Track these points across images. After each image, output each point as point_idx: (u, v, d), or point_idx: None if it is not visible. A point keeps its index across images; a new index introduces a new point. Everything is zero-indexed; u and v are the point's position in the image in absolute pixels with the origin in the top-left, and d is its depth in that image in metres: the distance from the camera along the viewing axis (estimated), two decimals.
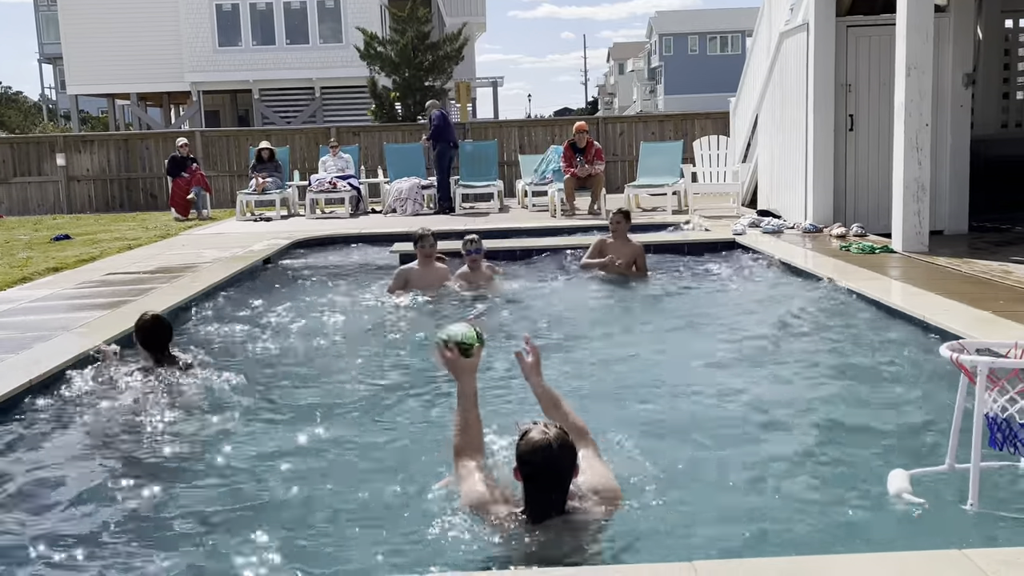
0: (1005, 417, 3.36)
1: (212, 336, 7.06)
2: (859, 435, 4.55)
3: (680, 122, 19.89)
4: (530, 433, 3.10)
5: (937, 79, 9.82)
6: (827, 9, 10.72)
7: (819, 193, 11.05)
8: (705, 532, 3.51)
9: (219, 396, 5.33)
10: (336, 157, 16.46)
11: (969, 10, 10.76)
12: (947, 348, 3.55)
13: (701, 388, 5.47)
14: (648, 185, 14.67)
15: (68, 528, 3.72)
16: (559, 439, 3.08)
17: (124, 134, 24.97)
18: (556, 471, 3.07)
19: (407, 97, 23.52)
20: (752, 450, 4.41)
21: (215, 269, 9.77)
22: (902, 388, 5.24)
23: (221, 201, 18.71)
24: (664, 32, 66.88)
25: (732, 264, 9.70)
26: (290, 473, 4.20)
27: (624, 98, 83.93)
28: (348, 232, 12.96)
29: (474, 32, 37.13)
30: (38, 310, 7.85)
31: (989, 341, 3.88)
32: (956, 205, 10.59)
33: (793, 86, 11.62)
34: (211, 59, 29.38)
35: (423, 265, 8.35)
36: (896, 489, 3.62)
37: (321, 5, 29.55)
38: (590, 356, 6.31)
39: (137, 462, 4.46)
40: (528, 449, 3.07)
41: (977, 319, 6.11)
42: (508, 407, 4.87)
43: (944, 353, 3.52)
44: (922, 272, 8.17)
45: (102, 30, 29.16)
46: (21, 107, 55.78)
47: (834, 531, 3.52)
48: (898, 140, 9.23)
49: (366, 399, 5.42)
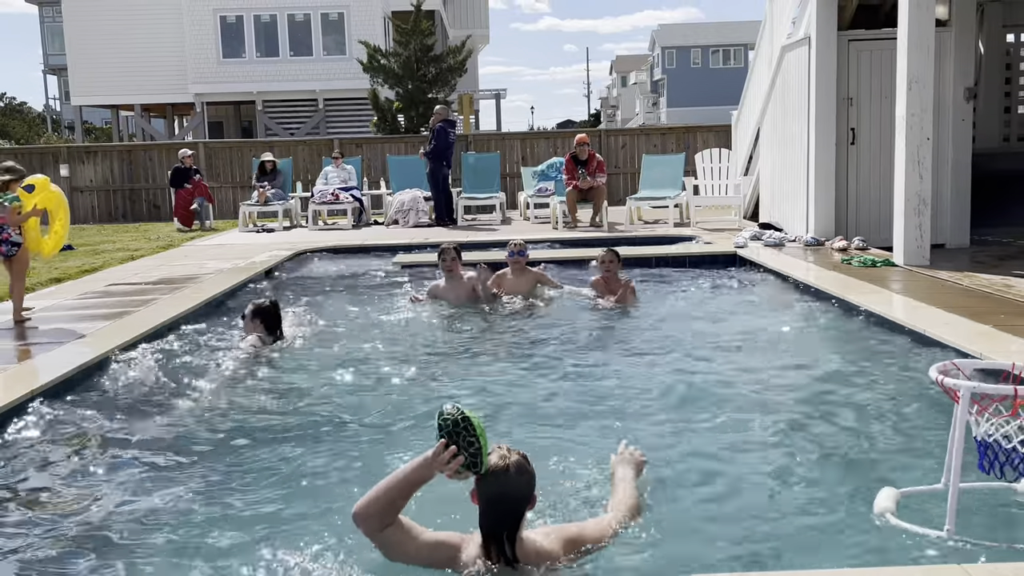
0: (991, 441, 3.32)
1: (214, 346, 7.06)
2: (853, 451, 4.52)
3: (682, 135, 19.94)
4: (490, 456, 3.04)
5: (938, 93, 9.85)
6: (829, 23, 10.75)
7: (821, 206, 11.06)
8: (695, 548, 3.52)
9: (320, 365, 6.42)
10: (339, 169, 16.50)
11: (970, 25, 10.79)
12: (935, 369, 3.52)
13: (701, 395, 5.48)
14: (650, 198, 14.68)
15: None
16: (517, 465, 3.04)
17: (127, 145, 25.04)
18: (512, 497, 3.02)
19: (410, 109, 23.59)
20: (746, 462, 4.41)
21: (217, 280, 9.78)
22: (900, 404, 5.22)
23: (224, 212, 18.76)
24: (667, 45, 67.10)
25: (734, 276, 9.71)
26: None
27: (627, 110, 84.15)
28: (350, 243, 12.98)
29: (477, 44, 37.26)
30: (40, 320, 7.85)
31: (986, 362, 3.86)
32: (957, 219, 10.59)
33: (795, 99, 11.64)
34: (215, 70, 29.50)
35: (448, 279, 8.43)
36: (880, 508, 3.60)
37: (325, 17, 29.68)
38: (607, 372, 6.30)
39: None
40: (486, 472, 3.02)
41: (977, 333, 6.11)
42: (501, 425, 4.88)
43: (931, 374, 3.50)
44: (923, 286, 8.17)
45: (107, 41, 29.31)
46: (25, 118, 55.97)
47: (817, 544, 3.52)
48: (899, 154, 9.25)
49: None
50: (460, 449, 2.98)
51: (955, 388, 3.39)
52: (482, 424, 3.05)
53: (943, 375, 3.48)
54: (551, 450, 4.43)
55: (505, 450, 3.08)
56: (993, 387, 3.34)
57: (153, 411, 5.43)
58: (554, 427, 4.98)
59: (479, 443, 3.00)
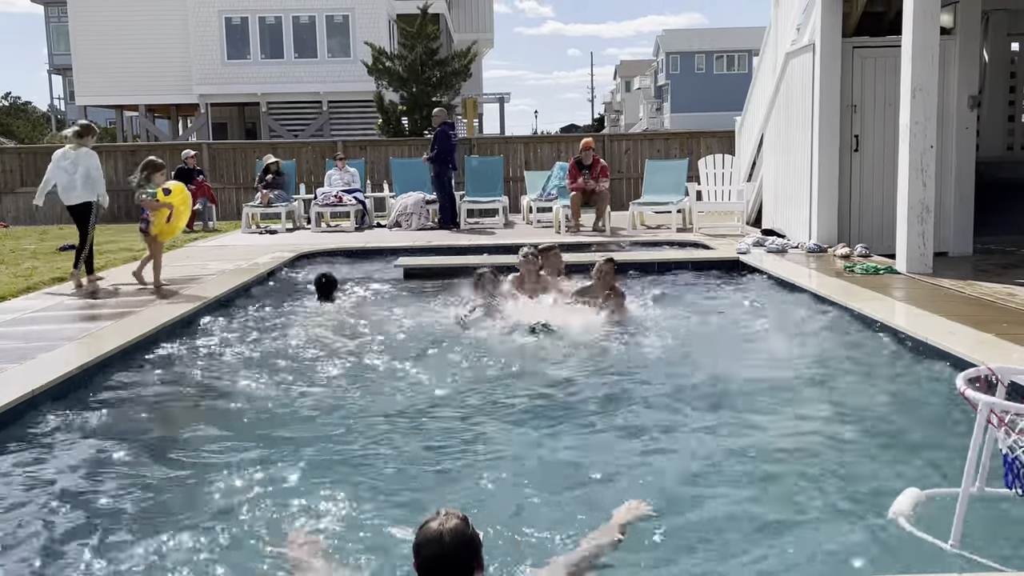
0: (1013, 457, 3.16)
1: (218, 346, 7.07)
2: (859, 456, 4.54)
3: (686, 140, 19.94)
4: (429, 522, 2.80)
5: (942, 101, 9.84)
6: (833, 30, 10.75)
7: (823, 213, 11.06)
8: (696, 558, 3.51)
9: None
10: (342, 171, 16.51)
11: (975, 33, 10.79)
12: (962, 378, 3.36)
13: (701, 403, 5.47)
14: (653, 203, 14.68)
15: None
16: (454, 532, 2.75)
17: (132, 145, 25.06)
18: (448, 565, 2.74)
19: (414, 112, 23.61)
20: (751, 471, 4.40)
21: (219, 281, 9.78)
22: (905, 410, 5.23)
23: (227, 213, 18.77)
24: (671, 50, 67.08)
25: (736, 284, 9.71)
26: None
27: (630, 115, 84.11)
28: (353, 246, 12.98)
29: (482, 48, 37.30)
30: (42, 320, 7.87)
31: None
32: (961, 227, 10.58)
33: (799, 106, 11.64)
34: (219, 72, 29.53)
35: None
36: (895, 511, 3.58)
37: (330, 20, 29.71)
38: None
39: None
40: (422, 539, 2.77)
41: (980, 341, 6.10)
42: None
43: (957, 382, 3.36)
44: (926, 293, 8.16)
45: (112, 42, 29.35)
46: (30, 117, 55.99)
47: (818, 548, 3.51)
48: (903, 161, 9.24)
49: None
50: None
51: (974, 401, 3.25)
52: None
53: (975, 380, 3.33)
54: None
55: (444, 514, 2.82)
56: (1014, 405, 3.19)
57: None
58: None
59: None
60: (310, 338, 7.38)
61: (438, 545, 2.71)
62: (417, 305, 8.76)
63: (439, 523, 2.76)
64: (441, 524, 2.75)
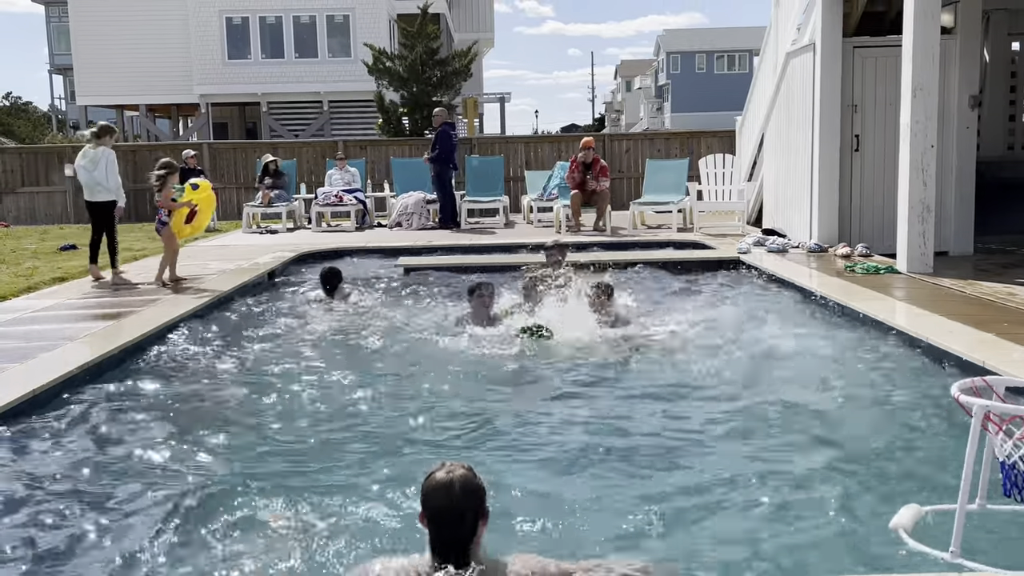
0: (1011, 464, 3.13)
1: (219, 347, 7.07)
2: (857, 462, 4.50)
3: (686, 140, 19.94)
4: (435, 473, 2.91)
5: (943, 101, 9.84)
6: (834, 30, 10.75)
7: (824, 213, 11.06)
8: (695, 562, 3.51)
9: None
10: (343, 171, 16.52)
11: (976, 32, 10.78)
12: (957, 387, 3.33)
13: (700, 403, 5.47)
14: (654, 202, 14.69)
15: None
16: (463, 480, 2.87)
17: (132, 145, 25.05)
18: (457, 511, 2.84)
19: (414, 112, 23.60)
20: (751, 470, 4.40)
21: (220, 281, 9.79)
22: (904, 414, 5.21)
23: (227, 213, 18.76)
24: (671, 50, 67.06)
25: (737, 283, 9.71)
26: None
27: (631, 115, 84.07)
28: (354, 245, 12.98)
29: (482, 48, 37.29)
30: (43, 319, 7.87)
31: (1021, 380, 3.64)
32: (961, 226, 10.58)
33: (799, 106, 11.64)
34: (220, 72, 29.54)
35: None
36: (896, 524, 3.50)
37: (330, 19, 29.71)
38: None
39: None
40: (430, 488, 2.87)
41: (980, 341, 6.10)
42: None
43: (952, 391, 3.33)
44: (926, 293, 8.16)
45: (113, 42, 29.35)
46: (30, 117, 55.99)
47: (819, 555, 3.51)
48: (903, 161, 9.24)
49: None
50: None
51: (969, 406, 3.22)
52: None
53: (968, 391, 3.29)
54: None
55: (450, 464, 2.93)
56: (1011, 407, 3.17)
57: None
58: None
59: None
60: (310, 338, 7.39)
61: (447, 493, 2.83)
62: (417, 305, 8.77)
63: (447, 472, 2.87)
64: (449, 473, 2.87)
